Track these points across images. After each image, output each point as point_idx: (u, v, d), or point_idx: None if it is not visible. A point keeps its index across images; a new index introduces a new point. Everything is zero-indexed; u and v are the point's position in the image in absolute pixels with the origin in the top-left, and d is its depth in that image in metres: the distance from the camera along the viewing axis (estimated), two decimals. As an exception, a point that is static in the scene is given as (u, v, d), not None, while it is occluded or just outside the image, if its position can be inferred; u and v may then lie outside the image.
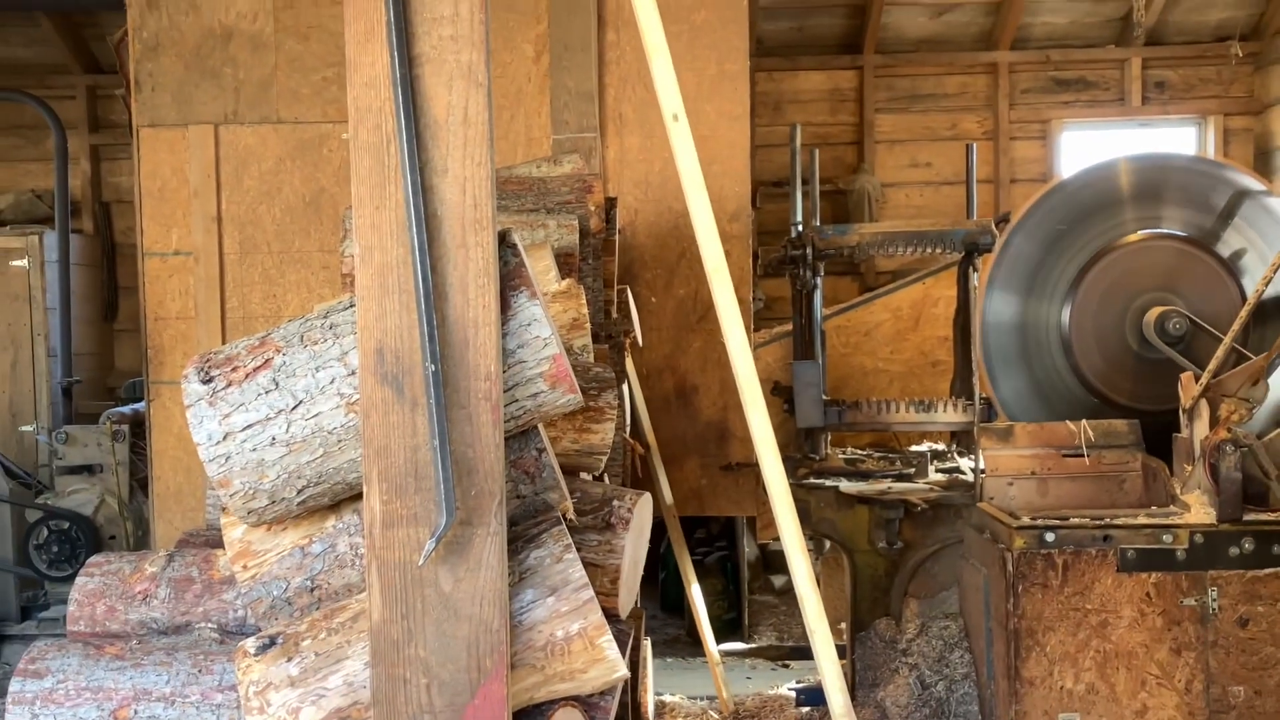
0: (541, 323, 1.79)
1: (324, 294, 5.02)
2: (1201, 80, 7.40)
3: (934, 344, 6.01)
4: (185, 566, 2.27)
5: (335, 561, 1.92)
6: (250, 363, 1.81)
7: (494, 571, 1.71)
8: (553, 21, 4.98)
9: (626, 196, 5.09)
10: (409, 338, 1.69)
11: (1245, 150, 7.32)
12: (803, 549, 2.14)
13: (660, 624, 6.33)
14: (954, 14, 7.29)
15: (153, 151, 5.10)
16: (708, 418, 5.28)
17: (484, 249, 1.70)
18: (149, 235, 5.13)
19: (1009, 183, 7.40)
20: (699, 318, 5.17)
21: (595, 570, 2.04)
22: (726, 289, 2.17)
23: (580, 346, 2.60)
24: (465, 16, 1.68)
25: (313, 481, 1.82)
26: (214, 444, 1.80)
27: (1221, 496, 3.51)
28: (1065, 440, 4.04)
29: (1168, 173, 4.42)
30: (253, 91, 5.05)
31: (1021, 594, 3.51)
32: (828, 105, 7.47)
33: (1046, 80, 7.45)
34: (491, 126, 1.71)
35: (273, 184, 5.08)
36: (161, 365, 5.15)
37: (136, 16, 5.03)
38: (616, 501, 2.16)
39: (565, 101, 5.01)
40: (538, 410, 1.84)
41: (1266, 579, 3.47)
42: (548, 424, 2.17)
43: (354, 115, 1.69)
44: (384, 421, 1.71)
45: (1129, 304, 4.23)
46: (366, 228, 1.71)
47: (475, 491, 1.71)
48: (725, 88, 5.05)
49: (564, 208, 3.29)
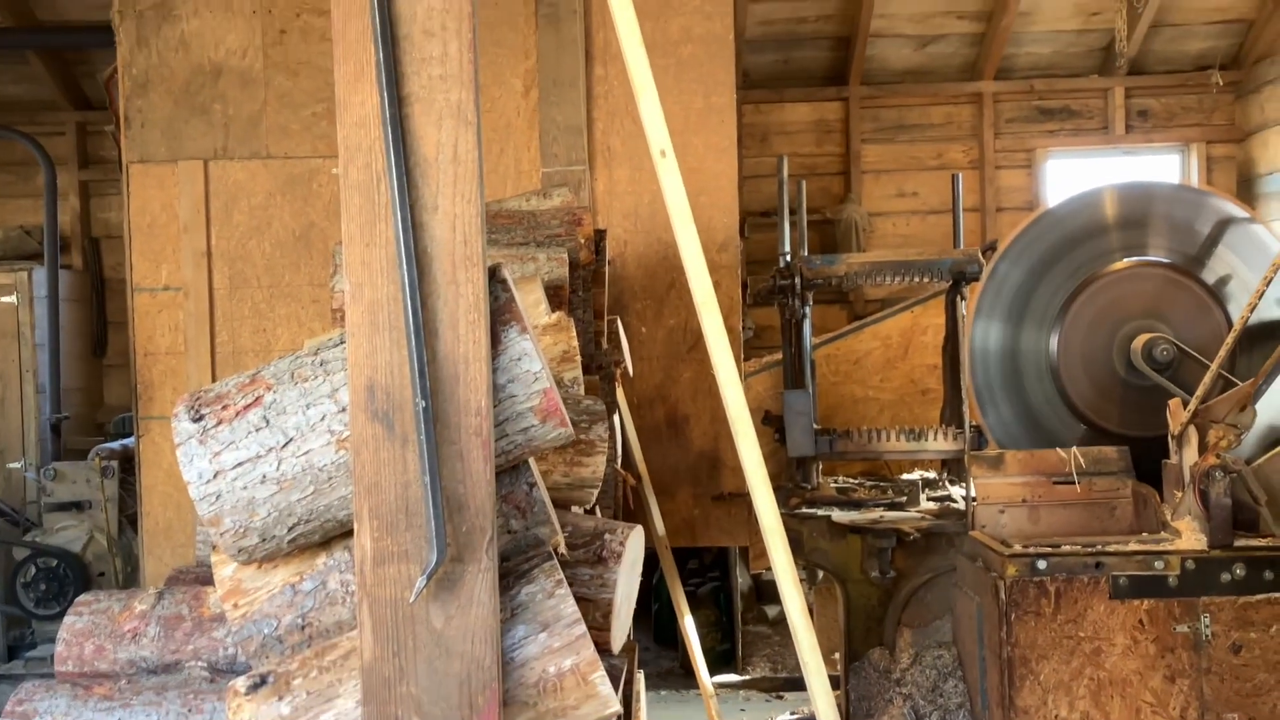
0: (532, 357, 1.80)
1: (314, 328, 5.02)
2: (1184, 109, 7.48)
3: (923, 372, 6.03)
4: (175, 604, 2.26)
5: (326, 599, 1.92)
6: (241, 400, 1.82)
7: (485, 608, 1.71)
8: (541, 57, 5.03)
9: (616, 228, 5.12)
10: (399, 374, 1.70)
11: (1228, 177, 7.39)
12: (795, 581, 2.14)
13: (654, 656, 6.30)
14: (938, 45, 7.37)
15: (142, 187, 5.11)
16: (699, 448, 5.28)
17: (474, 285, 1.71)
18: (138, 270, 5.13)
19: (995, 211, 7.46)
20: (689, 347, 5.18)
21: (588, 605, 2.04)
22: (716, 321, 2.18)
23: (571, 379, 2.60)
24: (454, 56, 1.69)
25: (303, 519, 1.82)
26: (204, 482, 1.80)
27: (1212, 522, 3.52)
28: (1055, 467, 4.05)
29: (1152, 201, 4.46)
30: (242, 127, 5.08)
31: (1014, 622, 3.51)
32: (814, 136, 7.53)
33: (1031, 110, 7.52)
34: (481, 164, 1.72)
35: (262, 219, 5.09)
36: (151, 400, 5.14)
37: (126, 54, 5.06)
38: (608, 535, 2.16)
39: (554, 135, 5.04)
40: (529, 445, 1.84)
41: (1258, 605, 3.47)
42: (539, 457, 2.18)
43: (344, 154, 1.70)
44: (375, 458, 1.71)
45: (1116, 331, 4.25)
46: (357, 265, 1.71)
47: (466, 528, 1.71)
48: (712, 120, 5.09)
49: (553, 241, 3.31)
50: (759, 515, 2.17)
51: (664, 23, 5.06)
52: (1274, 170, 6.94)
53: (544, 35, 5.02)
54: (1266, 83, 6.98)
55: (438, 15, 1.69)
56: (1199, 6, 7.09)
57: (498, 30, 5.06)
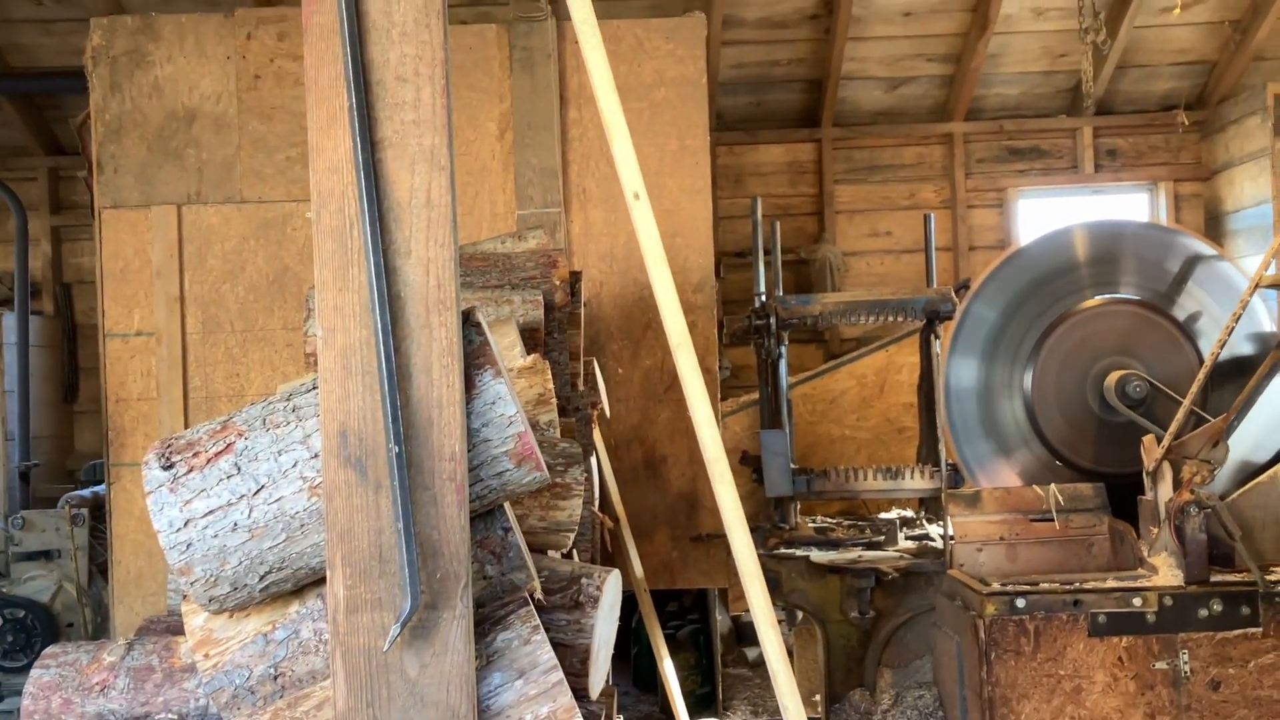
0: (506, 401, 1.79)
1: (288, 372, 4.99)
2: (1151, 148, 7.59)
3: (899, 410, 6.05)
4: (145, 655, 2.21)
5: (299, 648, 1.89)
6: (212, 447, 1.79)
7: (460, 656, 1.69)
8: (515, 100, 5.06)
9: (592, 269, 5.12)
10: (372, 419, 1.69)
11: (1196, 215, 7.49)
12: (773, 623, 2.12)
13: (633, 701, 6.23)
14: (908, 87, 7.47)
15: (115, 232, 5.09)
16: (677, 488, 5.26)
17: (448, 329, 1.70)
18: (110, 316, 5.09)
19: (968, 250, 7.52)
20: (666, 388, 5.17)
21: (564, 650, 2.02)
22: (691, 363, 2.18)
23: (547, 422, 2.59)
24: (427, 102, 1.70)
25: (275, 567, 1.79)
26: (175, 531, 1.77)
27: (1188, 558, 3.53)
28: (1032, 505, 4.06)
29: (1122, 239, 4.52)
30: (216, 172, 5.07)
31: (994, 661, 3.50)
32: (788, 177, 7.59)
33: (1001, 149, 7.62)
34: (454, 208, 1.72)
35: (236, 263, 5.07)
36: (123, 447, 5.08)
37: (99, 99, 5.05)
38: (585, 579, 2.14)
39: (529, 178, 5.06)
40: (504, 489, 1.83)
41: (1236, 641, 3.48)
42: (514, 501, 2.16)
43: (317, 199, 1.70)
44: (347, 505, 1.69)
45: (1089, 368, 4.29)
46: (329, 310, 1.70)
47: (440, 574, 1.69)
48: (687, 162, 5.13)
49: (529, 283, 3.31)
50: (736, 558, 2.16)
51: (637, 66, 5.10)
52: (1240, 208, 7.04)
53: (518, 79, 5.06)
54: (1230, 122, 7.10)
55: (410, 61, 1.70)
56: (1163, 48, 7.22)
57: (472, 75, 5.09)
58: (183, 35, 5.05)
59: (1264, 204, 6.65)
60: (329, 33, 1.69)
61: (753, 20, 6.99)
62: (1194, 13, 6.99)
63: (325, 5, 1.69)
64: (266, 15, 5.13)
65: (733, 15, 6.91)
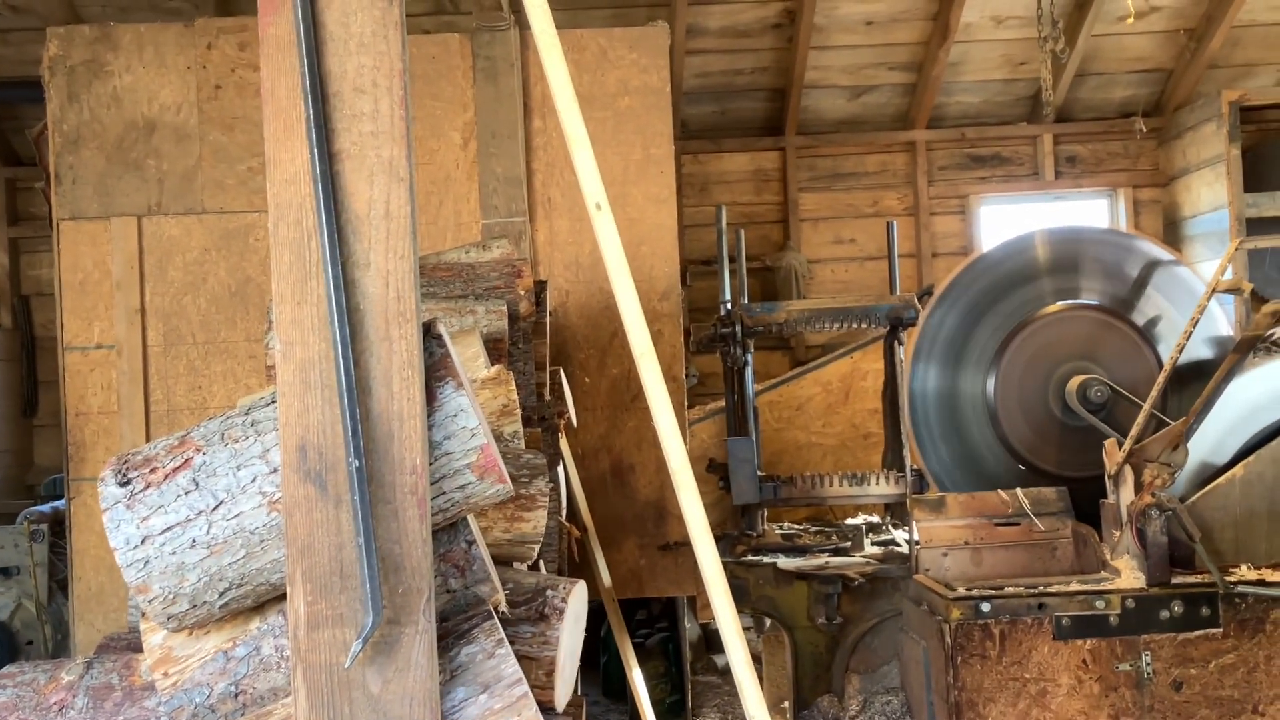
0: (468, 413, 1.78)
1: (250, 384, 4.94)
2: (1110, 154, 7.68)
3: (864, 416, 6.08)
4: (105, 673, 2.18)
5: (260, 665, 1.87)
6: (169, 463, 1.77)
7: (423, 671, 1.68)
8: (479, 110, 5.04)
9: (557, 278, 5.12)
10: (332, 433, 1.67)
11: (1155, 220, 7.59)
12: (739, 634, 2.12)
13: (603, 710, 6.22)
14: (871, 95, 7.52)
15: (74, 244, 5.02)
16: (645, 497, 5.25)
17: (408, 341, 1.69)
18: (69, 329, 5.02)
19: (931, 256, 7.58)
20: (633, 396, 5.17)
21: (530, 663, 2.00)
22: (655, 374, 2.18)
23: (511, 433, 2.58)
24: (385, 113, 1.69)
25: (235, 584, 1.77)
26: (132, 548, 1.75)
27: (1150, 561, 3.57)
28: (996, 509, 4.09)
29: (1082, 245, 4.57)
30: (176, 183, 5.02)
31: (960, 665, 3.52)
32: (752, 185, 7.62)
33: (963, 157, 7.68)
34: (414, 220, 1.71)
35: (198, 274, 5.02)
36: (83, 461, 5.01)
37: (57, 110, 4.99)
38: (550, 591, 2.13)
39: (494, 187, 5.04)
40: (466, 502, 1.82)
41: (1197, 641, 3.52)
42: (478, 514, 2.15)
43: (274, 211, 1.69)
44: (307, 520, 1.68)
45: (1051, 373, 4.33)
46: (288, 323, 1.69)
47: (403, 589, 1.68)
48: (651, 171, 5.13)
49: (493, 293, 3.29)
50: (701, 567, 2.16)
51: (601, 75, 5.10)
52: (1197, 213, 7.14)
53: (482, 89, 5.04)
54: (1187, 129, 7.21)
55: (368, 72, 1.69)
56: (1121, 56, 7.32)
57: (436, 84, 5.07)
58: (142, 45, 5.00)
59: (1220, 209, 6.74)
60: (286, 44, 1.68)
61: (716, 29, 7.02)
62: (1150, 21, 7.08)
63: (282, 16, 1.68)
64: (227, 25, 5.08)
65: (696, 24, 6.94)
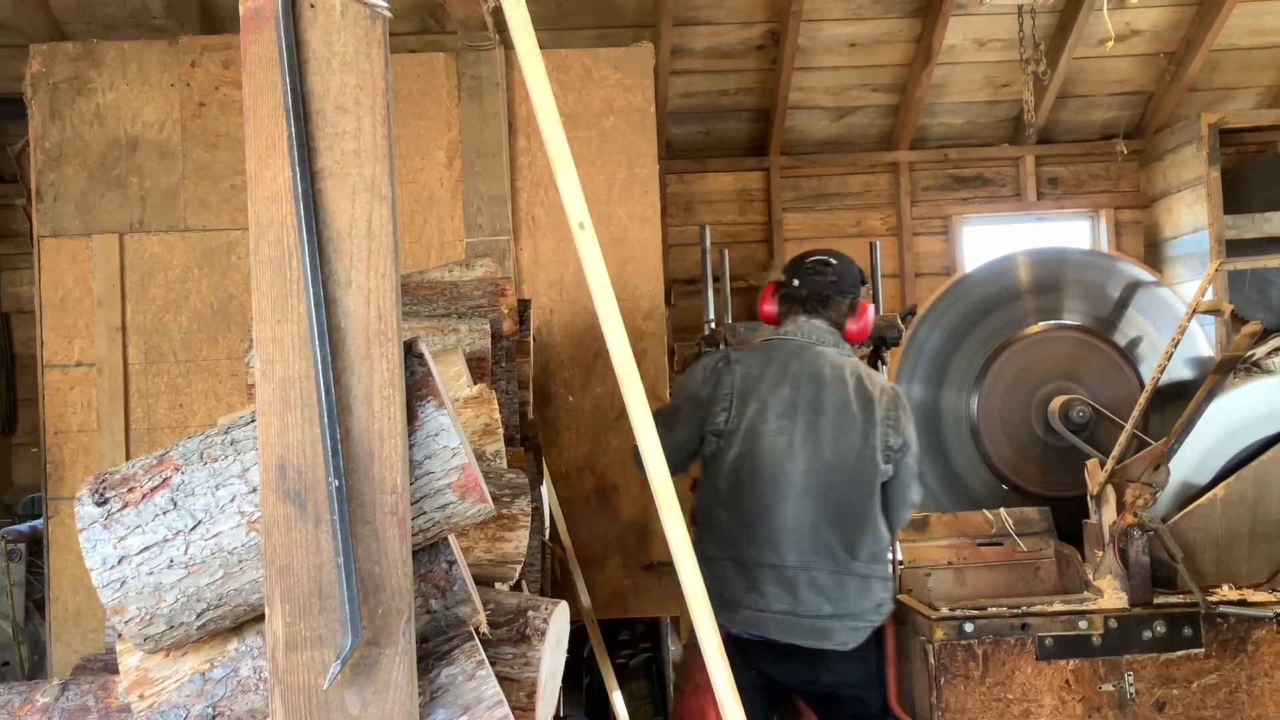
0: (450, 432, 1.77)
1: (232, 402, 4.91)
2: (1092, 176, 7.74)
3: (849, 436, 6.06)
4: (81, 695, 2.16)
5: (238, 686, 1.85)
6: (148, 482, 1.76)
7: (403, 693, 1.66)
8: (464, 128, 5.04)
9: (542, 297, 5.11)
10: (312, 453, 1.66)
11: (1136, 242, 7.64)
12: (722, 655, 2.11)
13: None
14: (855, 116, 7.56)
15: (54, 261, 4.99)
16: (629, 517, 5.24)
17: (389, 360, 1.68)
18: (49, 347, 4.99)
19: (914, 277, 7.61)
20: (617, 415, 5.16)
21: (511, 685, 1.99)
22: (637, 394, 2.17)
23: (493, 452, 2.57)
24: (368, 131, 1.68)
25: (213, 604, 1.75)
26: (108, 569, 1.73)
27: (1132, 581, 3.57)
28: (980, 529, 4.09)
29: (1064, 266, 4.60)
30: (159, 200, 5.00)
31: (944, 686, 3.51)
32: (737, 205, 7.65)
33: (946, 178, 7.73)
34: (396, 238, 1.70)
35: (180, 292, 4.99)
36: (62, 480, 4.97)
37: (39, 127, 4.97)
38: (532, 612, 2.11)
39: (478, 206, 5.04)
40: (447, 522, 1.81)
41: (1179, 661, 3.52)
42: (459, 534, 2.14)
43: (255, 230, 1.68)
44: (286, 540, 1.66)
45: (1034, 393, 4.35)
46: (268, 341, 1.68)
47: (382, 610, 1.66)
48: (636, 190, 5.14)
49: (476, 312, 3.29)
50: (684, 588, 2.15)
51: (586, 95, 5.11)
52: (1178, 234, 7.20)
53: (466, 107, 5.05)
54: (1168, 151, 7.27)
55: (351, 91, 1.69)
56: (1102, 79, 7.38)
57: (420, 103, 5.08)
58: (125, 62, 4.99)
59: (1200, 231, 6.80)
60: (268, 62, 1.68)
61: (701, 50, 7.05)
62: (1130, 45, 7.15)
63: (264, 34, 1.68)
64: (211, 43, 5.08)
65: (681, 45, 6.97)
